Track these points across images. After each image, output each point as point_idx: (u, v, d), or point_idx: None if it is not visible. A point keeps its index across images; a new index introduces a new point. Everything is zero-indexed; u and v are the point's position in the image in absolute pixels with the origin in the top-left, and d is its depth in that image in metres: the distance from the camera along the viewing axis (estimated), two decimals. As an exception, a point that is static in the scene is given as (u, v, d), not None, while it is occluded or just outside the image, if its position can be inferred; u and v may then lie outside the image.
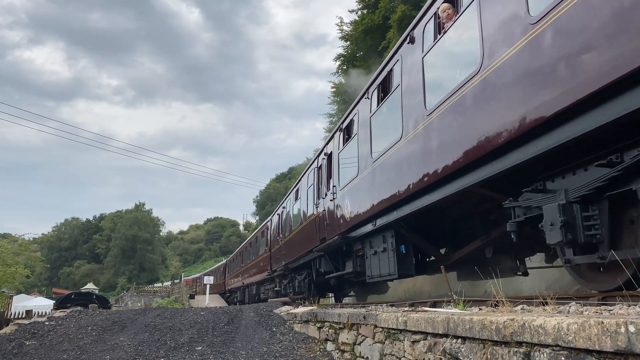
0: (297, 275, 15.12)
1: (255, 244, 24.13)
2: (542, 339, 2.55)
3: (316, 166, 12.18)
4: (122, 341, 7.50)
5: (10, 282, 29.73)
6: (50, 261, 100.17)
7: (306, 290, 13.87)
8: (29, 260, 36.88)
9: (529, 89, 3.96)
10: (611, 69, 3.17)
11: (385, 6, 25.71)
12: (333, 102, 35.40)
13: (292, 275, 16.10)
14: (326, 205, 10.66)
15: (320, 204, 11.27)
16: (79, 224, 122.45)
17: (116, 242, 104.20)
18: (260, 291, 23.41)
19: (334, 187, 10.06)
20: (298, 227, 13.71)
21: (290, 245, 14.87)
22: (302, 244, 12.93)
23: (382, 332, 4.93)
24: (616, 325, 2.13)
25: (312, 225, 11.90)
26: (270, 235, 19.54)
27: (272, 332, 7.93)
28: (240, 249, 30.92)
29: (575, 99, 3.46)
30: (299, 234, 13.58)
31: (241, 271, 28.31)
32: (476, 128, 4.70)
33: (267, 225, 20.69)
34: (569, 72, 3.55)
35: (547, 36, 3.79)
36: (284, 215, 16.55)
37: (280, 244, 16.75)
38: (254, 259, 23.42)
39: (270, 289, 20.81)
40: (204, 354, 6.75)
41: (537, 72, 3.88)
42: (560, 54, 3.63)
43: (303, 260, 13.26)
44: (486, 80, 4.57)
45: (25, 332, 8.14)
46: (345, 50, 32.09)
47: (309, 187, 12.74)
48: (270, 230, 19.69)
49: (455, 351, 3.47)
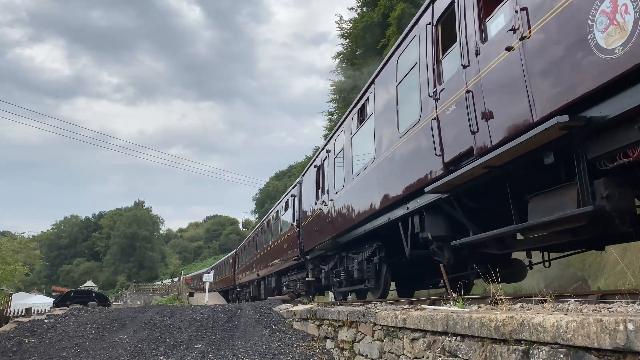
0: (353, 255, 9.73)
1: (274, 223, 18.68)
2: (541, 337, 2.56)
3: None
4: (122, 339, 7.50)
5: (10, 280, 29.70)
6: (50, 259, 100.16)
7: (373, 278, 8.63)
8: (28, 258, 36.90)
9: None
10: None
11: (384, 4, 25.72)
12: (332, 100, 35.38)
13: (341, 256, 10.63)
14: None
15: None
16: (79, 221, 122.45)
17: (115, 240, 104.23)
18: (282, 283, 17.84)
19: None
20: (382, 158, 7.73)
21: (352, 200, 9.18)
22: (393, 185, 7.15)
23: (382, 330, 4.93)
24: (615, 323, 2.14)
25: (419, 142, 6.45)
26: (299, 205, 14.29)
27: (272, 330, 7.94)
28: (254, 232, 24.99)
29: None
30: (384, 169, 7.56)
31: (255, 260, 22.73)
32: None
33: (294, 192, 15.18)
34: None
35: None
36: (334, 162, 10.61)
37: (320, 211, 11.43)
38: (273, 243, 18.27)
39: (298, 280, 15.23)
40: (204, 351, 6.75)
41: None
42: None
43: (379, 222, 7.91)
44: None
45: (25, 330, 8.14)
46: (344, 48, 32.08)
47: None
48: (299, 197, 14.34)
49: (454, 349, 3.47)
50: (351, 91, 28.76)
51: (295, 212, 14.62)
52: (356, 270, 9.28)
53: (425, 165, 6.07)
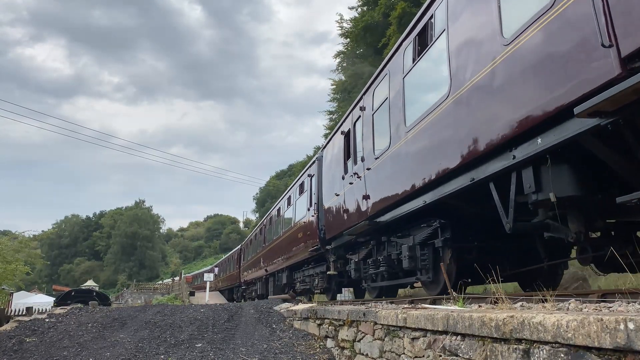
0: (398, 239, 7.65)
1: (285, 211, 16.39)
2: (542, 336, 2.56)
3: None
4: (122, 338, 7.51)
5: (10, 279, 29.73)
6: (51, 258, 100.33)
7: (429, 269, 6.78)
8: (29, 257, 36.86)
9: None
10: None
11: (385, 3, 25.69)
12: (333, 100, 35.39)
13: (379, 242, 8.55)
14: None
15: None
16: (79, 221, 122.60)
17: (116, 239, 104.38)
18: (296, 279, 15.43)
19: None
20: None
21: (403, 164, 7.02)
22: (490, 123, 4.86)
23: (382, 329, 4.94)
24: (615, 322, 2.14)
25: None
26: (318, 185, 12.09)
27: (272, 329, 7.94)
28: (261, 224, 22.63)
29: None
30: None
31: (263, 254, 20.60)
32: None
33: (311, 171, 12.96)
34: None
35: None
36: (373, 120, 8.47)
37: (351, 187, 9.35)
38: (285, 233, 16.00)
39: (316, 275, 12.87)
40: (204, 350, 6.76)
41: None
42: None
43: (450, 187, 5.72)
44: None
45: (26, 329, 8.15)
46: (345, 47, 32.06)
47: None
48: (318, 176, 12.11)
49: (454, 348, 3.47)
50: (352, 91, 28.69)
51: (314, 195, 12.25)
52: (406, 259, 6.98)
53: (573, 69, 3.67)
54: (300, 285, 14.67)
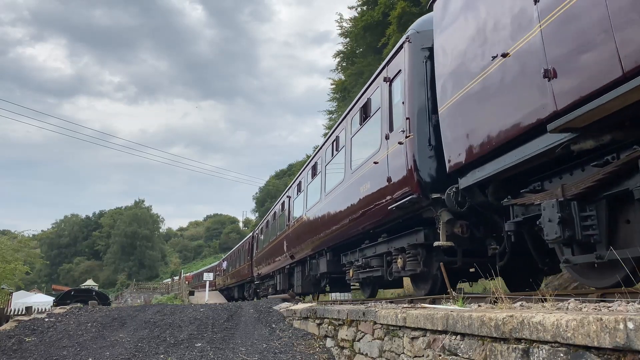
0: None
1: (328, 161, 11.05)
2: (541, 336, 2.56)
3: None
4: (122, 337, 7.51)
5: (10, 278, 29.73)
6: (50, 258, 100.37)
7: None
8: (28, 256, 36.91)
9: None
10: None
11: (384, 3, 25.68)
12: (332, 99, 35.40)
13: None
14: None
15: None
16: (79, 220, 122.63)
17: (116, 238, 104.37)
18: (346, 264, 10.05)
19: None
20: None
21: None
22: None
23: (382, 329, 4.94)
24: (615, 322, 2.14)
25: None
26: (413, 89, 6.48)
27: (272, 329, 7.94)
28: (284, 196, 17.03)
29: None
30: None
31: (287, 236, 15.32)
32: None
33: (397, 65, 7.15)
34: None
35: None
36: None
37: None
38: (329, 194, 10.65)
39: (400, 252, 7.31)
40: (204, 350, 6.76)
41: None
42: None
43: None
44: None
45: (25, 329, 8.15)
46: (344, 46, 32.06)
47: None
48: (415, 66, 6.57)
49: (454, 347, 3.47)
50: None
51: (407, 102, 6.62)
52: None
53: None
54: (357, 272, 9.18)
